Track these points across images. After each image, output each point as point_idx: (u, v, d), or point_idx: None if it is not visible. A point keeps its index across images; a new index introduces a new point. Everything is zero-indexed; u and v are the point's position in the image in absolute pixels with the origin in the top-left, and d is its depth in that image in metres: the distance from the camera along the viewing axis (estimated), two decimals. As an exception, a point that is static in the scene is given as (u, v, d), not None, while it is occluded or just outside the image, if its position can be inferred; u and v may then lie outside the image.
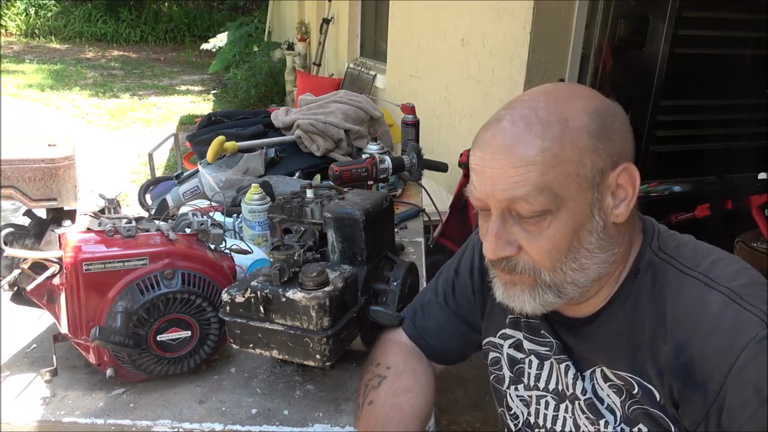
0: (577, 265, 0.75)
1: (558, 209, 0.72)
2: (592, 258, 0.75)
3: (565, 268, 0.75)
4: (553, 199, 0.71)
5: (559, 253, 0.74)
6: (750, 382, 0.64)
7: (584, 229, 0.73)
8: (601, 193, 0.73)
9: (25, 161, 1.12)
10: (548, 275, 0.75)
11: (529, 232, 0.74)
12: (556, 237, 0.73)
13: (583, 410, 0.82)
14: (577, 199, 0.72)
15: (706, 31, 2.95)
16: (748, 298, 0.68)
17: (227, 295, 0.93)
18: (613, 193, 0.74)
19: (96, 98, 8.30)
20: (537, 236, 0.73)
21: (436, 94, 3.88)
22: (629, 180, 0.74)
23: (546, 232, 0.73)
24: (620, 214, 0.74)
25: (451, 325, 1.01)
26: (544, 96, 0.74)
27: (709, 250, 0.76)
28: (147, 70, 10.91)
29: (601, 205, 0.73)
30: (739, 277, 0.71)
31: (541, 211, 0.72)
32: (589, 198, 0.72)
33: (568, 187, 0.71)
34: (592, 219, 0.73)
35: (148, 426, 0.93)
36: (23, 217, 1.23)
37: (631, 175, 0.74)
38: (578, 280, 0.75)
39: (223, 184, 1.68)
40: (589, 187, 0.72)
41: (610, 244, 0.75)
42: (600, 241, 0.74)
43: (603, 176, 0.72)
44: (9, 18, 13.60)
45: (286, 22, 9.58)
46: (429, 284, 1.07)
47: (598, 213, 0.73)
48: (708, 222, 2.75)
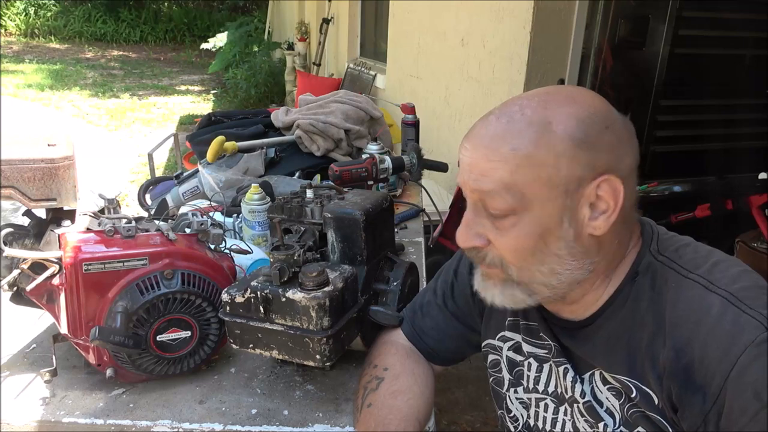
0: (547, 269, 0.74)
1: (524, 210, 0.71)
2: (563, 264, 0.74)
3: (533, 269, 0.74)
4: (519, 199, 0.71)
5: (524, 253, 0.74)
6: (749, 385, 0.63)
7: (552, 235, 0.72)
8: (575, 202, 0.71)
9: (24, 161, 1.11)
10: (515, 272, 0.76)
11: (496, 227, 0.74)
12: (520, 237, 0.73)
13: (582, 413, 0.81)
14: (545, 203, 0.71)
15: (706, 31, 2.95)
16: (748, 301, 0.67)
17: (227, 295, 0.93)
18: (593, 204, 0.72)
19: (96, 98, 8.30)
20: (503, 233, 0.74)
21: (436, 94, 3.88)
22: (611, 193, 0.71)
23: (511, 231, 0.73)
24: (598, 227, 0.72)
25: (450, 326, 1.01)
26: (539, 96, 0.74)
27: (709, 253, 0.76)
28: (147, 70, 10.91)
29: (574, 214, 0.72)
30: (740, 281, 0.70)
31: (506, 209, 0.72)
32: (559, 204, 0.71)
33: (537, 190, 0.70)
34: (561, 226, 0.72)
35: (148, 426, 0.93)
36: (23, 217, 1.23)
37: (613, 188, 0.71)
38: (550, 282, 0.75)
39: (223, 184, 1.68)
40: (560, 194, 0.71)
41: (585, 254, 0.74)
42: (571, 250, 0.73)
43: (580, 185, 0.71)
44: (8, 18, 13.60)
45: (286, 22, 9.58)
46: (428, 285, 1.07)
47: (569, 221, 0.72)
48: (708, 222, 2.75)
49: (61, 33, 13.58)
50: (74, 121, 6.96)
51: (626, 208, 0.74)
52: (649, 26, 3.02)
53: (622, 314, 0.76)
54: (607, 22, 3.00)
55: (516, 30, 2.91)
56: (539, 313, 0.87)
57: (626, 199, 0.73)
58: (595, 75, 3.04)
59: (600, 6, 2.96)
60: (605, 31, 3.01)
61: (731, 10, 2.91)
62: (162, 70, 10.99)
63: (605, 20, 3.00)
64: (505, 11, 3.02)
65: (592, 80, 3.03)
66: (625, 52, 3.07)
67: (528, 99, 0.74)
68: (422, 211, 1.82)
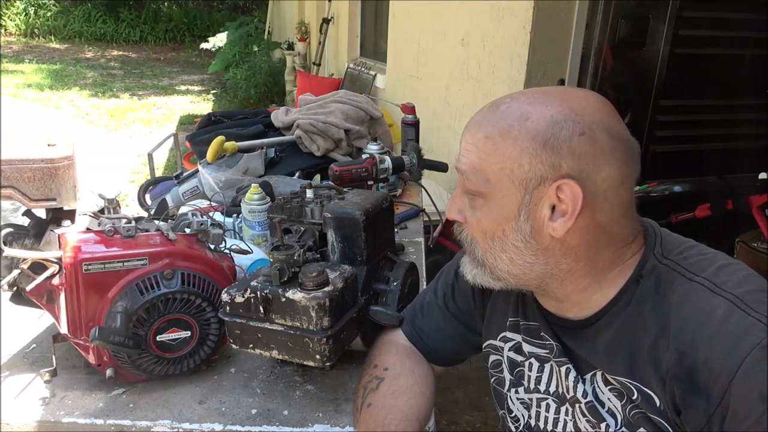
0: (507, 258, 0.78)
1: (488, 195, 0.76)
2: (521, 257, 0.77)
3: (495, 254, 0.78)
4: (485, 184, 0.76)
5: (486, 236, 0.78)
6: (754, 387, 0.63)
7: (509, 225, 0.76)
8: (536, 199, 0.73)
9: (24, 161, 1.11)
10: (480, 254, 0.80)
11: (471, 207, 0.79)
12: (483, 220, 0.78)
13: (584, 413, 0.81)
14: (506, 193, 0.74)
15: (706, 31, 2.95)
16: (753, 304, 0.67)
17: (227, 295, 0.93)
18: (555, 206, 0.72)
19: (96, 98, 8.30)
20: (473, 213, 0.79)
21: (436, 94, 3.88)
22: (570, 197, 0.71)
23: (477, 213, 0.78)
24: (555, 229, 0.73)
25: (451, 327, 1.01)
26: (537, 93, 0.76)
27: (714, 256, 0.76)
28: (147, 70, 10.91)
29: (532, 210, 0.73)
30: (745, 284, 0.70)
31: (475, 190, 0.77)
32: (518, 198, 0.74)
33: (499, 179, 0.74)
34: (518, 219, 0.75)
35: (148, 426, 0.93)
36: (23, 217, 1.23)
37: (573, 193, 0.71)
38: (513, 272, 0.78)
39: (222, 184, 1.68)
40: (520, 188, 0.73)
41: (545, 252, 0.75)
42: (528, 244, 0.75)
43: (540, 183, 0.72)
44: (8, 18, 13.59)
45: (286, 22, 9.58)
46: (429, 286, 1.07)
47: (526, 216, 0.74)
48: (708, 222, 2.75)
49: (61, 33, 13.57)
50: (74, 121, 6.96)
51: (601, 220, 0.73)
52: (649, 26, 3.02)
53: (625, 316, 0.76)
54: (607, 22, 3.00)
55: (516, 30, 2.91)
56: (540, 312, 0.87)
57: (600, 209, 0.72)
58: (595, 75, 3.04)
59: (600, 6, 2.96)
60: (605, 31, 3.01)
61: (731, 10, 2.91)
62: (162, 70, 10.99)
63: (605, 20, 2.99)
64: (505, 11, 3.02)
65: (592, 80, 3.03)
66: (625, 52, 3.07)
67: (524, 94, 0.77)
68: (422, 211, 1.82)
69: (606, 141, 0.71)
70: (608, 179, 0.72)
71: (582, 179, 0.71)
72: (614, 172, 0.72)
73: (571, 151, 0.70)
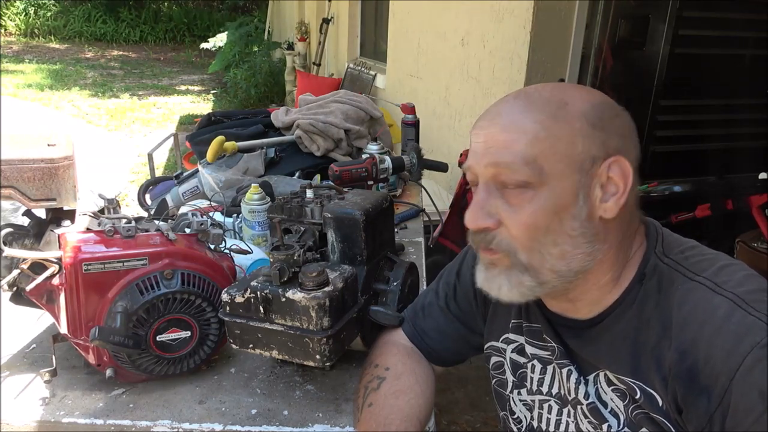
0: (558, 251, 0.73)
1: (541, 184, 0.71)
2: (575, 246, 0.73)
3: (544, 251, 0.73)
4: (537, 173, 0.71)
5: (538, 231, 0.72)
6: (755, 386, 0.63)
7: (567, 212, 0.72)
8: (590, 180, 0.72)
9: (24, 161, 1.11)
10: (524, 255, 0.73)
11: (510, 205, 0.73)
12: (536, 213, 0.71)
13: (586, 414, 0.81)
14: (562, 178, 0.71)
15: (706, 31, 2.95)
16: (755, 304, 0.67)
17: (227, 295, 0.93)
18: (603, 186, 0.72)
19: (96, 98, 8.30)
20: (517, 210, 0.72)
21: (436, 94, 3.88)
22: (620, 174, 0.72)
23: (526, 207, 0.72)
24: (608, 209, 0.72)
25: (452, 327, 1.01)
26: (552, 84, 0.77)
27: (715, 256, 0.76)
28: (147, 70, 10.91)
29: (588, 193, 0.72)
30: (746, 284, 0.70)
31: (524, 182, 0.71)
32: (575, 181, 0.71)
33: (554, 164, 0.71)
34: (576, 203, 0.72)
35: (148, 426, 0.93)
36: (22, 217, 1.23)
37: (622, 169, 0.72)
38: (559, 268, 0.73)
39: (222, 184, 1.68)
40: (577, 170, 0.71)
41: (595, 237, 0.73)
42: (584, 230, 0.72)
43: (593, 164, 0.72)
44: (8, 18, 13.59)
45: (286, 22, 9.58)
46: (430, 286, 1.07)
47: (584, 199, 0.72)
48: (708, 222, 2.75)
49: (61, 33, 13.57)
50: (74, 121, 6.96)
51: (631, 200, 0.74)
52: (649, 26, 3.02)
53: (629, 316, 0.76)
54: (607, 22, 3.00)
55: (516, 30, 2.91)
56: (543, 314, 0.86)
57: (633, 189, 0.74)
58: (595, 75, 3.04)
59: (600, 6, 2.96)
60: (605, 31, 3.01)
61: (731, 10, 2.91)
62: (162, 70, 10.99)
63: (605, 20, 2.99)
64: (505, 11, 3.02)
65: (592, 80, 3.03)
66: (625, 52, 3.07)
67: (541, 86, 0.77)
68: (422, 211, 1.82)
69: (631, 124, 0.76)
70: (636, 160, 0.75)
71: (626, 156, 0.73)
72: (637, 153, 0.76)
73: (615, 130, 0.73)
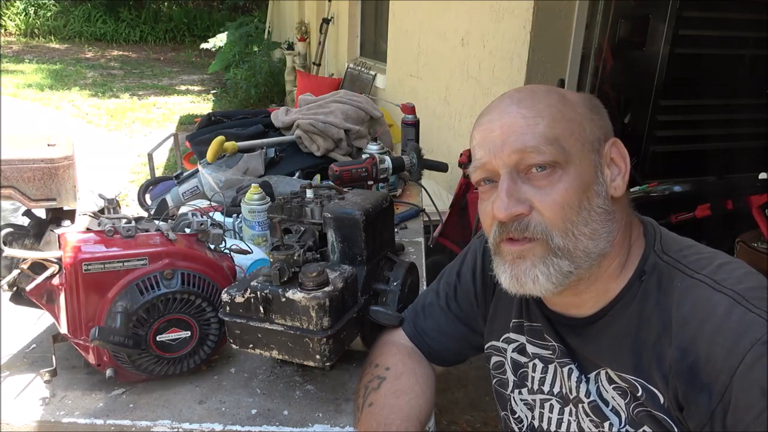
0: (589, 231, 0.74)
1: (567, 163, 0.74)
2: (603, 224, 0.75)
3: (577, 231, 0.73)
4: (561, 152, 0.73)
5: (571, 210, 0.73)
6: (756, 382, 0.63)
7: (591, 189, 0.75)
8: (601, 159, 0.77)
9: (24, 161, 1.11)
10: (560, 238, 0.73)
11: (540, 188, 0.73)
12: (568, 191, 0.73)
13: (587, 413, 0.81)
14: (582, 157, 0.75)
15: (706, 31, 2.95)
16: (755, 301, 0.68)
17: (227, 295, 0.93)
18: (608, 166, 0.78)
19: (96, 98, 8.30)
20: (549, 191, 0.73)
21: (436, 94, 3.88)
22: (620, 154, 0.79)
23: (557, 186, 0.73)
24: (618, 187, 0.77)
25: (452, 327, 1.01)
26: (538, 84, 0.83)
27: (713, 254, 0.76)
28: (147, 70, 10.91)
29: (602, 171, 0.77)
30: (745, 281, 0.70)
31: (552, 161, 0.73)
32: (592, 160, 0.76)
33: (573, 144, 0.75)
34: (597, 180, 0.76)
35: (148, 426, 0.93)
36: (23, 217, 1.23)
37: (620, 149, 0.79)
38: (590, 249, 0.74)
39: (222, 184, 1.68)
40: (591, 150, 0.76)
41: (612, 216, 0.77)
42: (606, 207, 0.76)
43: (600, 144, 0.77)
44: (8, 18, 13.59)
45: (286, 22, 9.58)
46: (430, 286, 1.07)
47: (601, 177, 0.76)
48: (708, 222, 2.75)
49: (61, 33, 13.57)
50: (74, 121, 6.96)
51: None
52: (649, 26, 3.02)
53: (629, 313, 0.77)
54: (607, 22, 3.00)
55: (516, 30, 2.91)
56: (542, 313, 0.87)
57: None
58: (595, 75, 3.04)
59: (600, 6, 2.96)
60: (605, 31, 3.01)
61: (731, 10, 2.91)
62: (162, 70, 10.99)
63: (605, 20, 3.00)
64: (505, 11, 3.02)
65: (592, 80, 3.03)
66: (625, 52, 3.07)
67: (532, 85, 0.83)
68: (422, 211, 1.82)
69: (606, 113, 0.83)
70: None
71: None
72: None
73: (605, 117, 0.80)
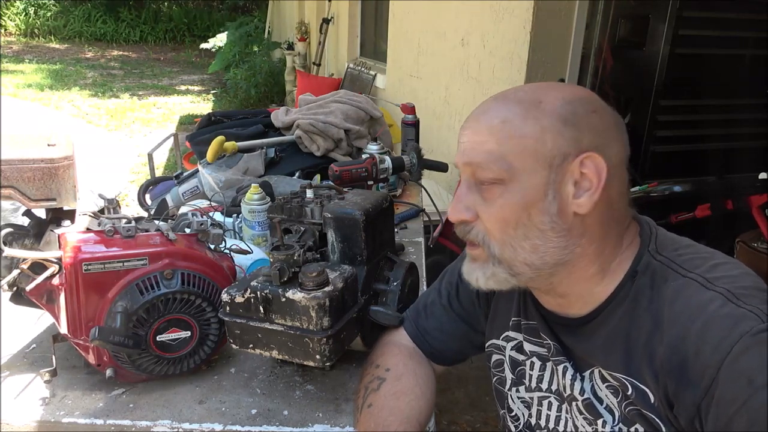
0: (529, 245, 0.75)
1: (510, 180, 0.74)
2: (546, 240, 0.75)
3: (515, 243, 0.76)
4: (506, 169, 0.74)
5: (508, 225, 0.75)
6: (742, 372, 0.63)
7: (536, 207, 0.74)
8: (560, 177, 0.74)
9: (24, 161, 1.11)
10: (497, 248, 0.77)
11: (485, 200, 0.77)
12: (505, 207, 0.75)
13: (581, 411, 0.82)
14: (531, 174, 0.74)
15: (706, 31, 2.95)
16: (746, 298, 0.67)
17: (227, 295, 0.93)
18: (577, 182, 0.74)
19: (96, 98, 8.30)
20: (490, 204, 0.76)
21: (436, 94, 3.88)
22: (594, 170, 0.73)
23: (497, 201, 0.75)
24: (582, 205, 0.74)
25: (454, 326, 1.01)
26: (536, 84, 0.79)
27: (710, 254, 0.76)
28: (147, 70, 10.91)
29: (558, 188, 0.74)
30: (739, 281, 0.70)
31: (494, 178, 0.75)
32: (544, 177, 0.73)
33: (523, 162, 0.73)
34: (545, 199, 0.74)
35: (148, 426, 0.93)
36: (22, 217, 1.23)
37: (596, 165, 0.73)
38: (532, 261, 0.76)
39: (222, 184, 1.68)
40: (546, 166, 0.73)
41: (568, 232, 0.75)
42: (554, 225, 0.74)
43: (564, 159, 0.73)
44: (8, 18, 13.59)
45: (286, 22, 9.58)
46: (432, 286, 1.07)
47: (553, 195, 0.74)
48: (708, 222, 2.75)
49: (61, 33, 13.57)
50: (74, 121, 6.96)
51: (613, 196, 0.76)
52: (649, 26, 3.02)
53: (622, 312, 0.77)
54: (607, 22, 3.00)
55: (516, 30, 2.91)
56: (538, 312, 0.87)
57: (612, 185, 0.75)
58: (595, 75, 3.04)
59: (600, 6, 2.96)
60: (605, 31, 3.01)
61: (731, 10, 2.91)
62: (162, 70, 10.99)
63: (605, 20, 3.00)
64: (505, 11, 3.02)
65: (592, 80, 3.03)
66: (625, 52, 3.07)
67: (525, 86, 0.80)
68: (422, 211, 1.82)
69: (611, 119, 0.77)
70: (617, 154, 0.76)
71: (601, 152, 0.73)
72: (620, 148, 0.76)
73: (589, 126, 0.74)
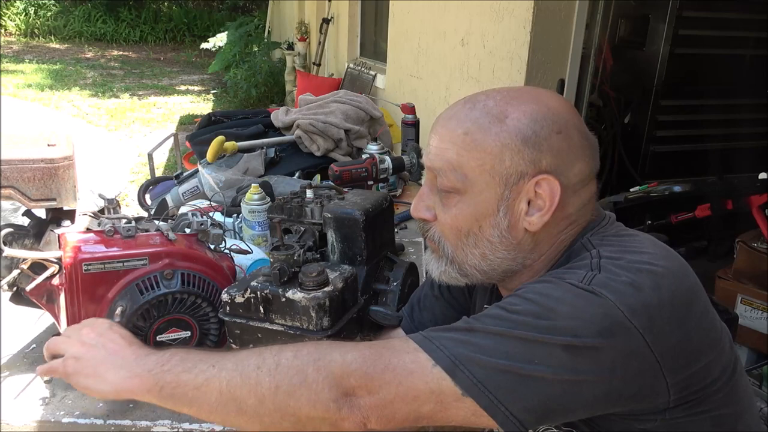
0: (479, 253, 0.78)
1: (465, 191, 0.76)
2: (494, 251, 0.78)
3: (466, 249, 0.79)
4: (461, 181, 0.76)
5: (459, 233, 0.78)
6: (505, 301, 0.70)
7: (486, 221, 0.76)
8: (515, 194, 0.75)
9: (24, 161, 1.11)
10: (450, 250, 0.81)
11: (443, 204, 0.79)
12: (458, 217, 0.78)
13: None
14: (485, 189, 0.75)
15: (706, 31, 2.96)
16: (609, 266, 0.68)
17: (227, 295, 0.93)
18: (531, 200, 0.75)
19: (96, 98, 8.29)
20: (447, 210, 0.79)
21: (436, 94, 3.88)
22: (548, 192, 0.74)
23: (453, 209, 0.78)
24: (532, 223, 0.75)
25: (447, 315, 1.01)
26: (509, 92, 0.78)
27: (639, 243, 0.74)
28: (147, 70, 10.90)
29: (510, 205, 0.75)
30: (627, 257, 0.70)
31: (451, 187, 0.77)
32: (498, 193, 0.75)
33: (478, 175, 0.75)
34: (497, 214, 0.76)
35: (148, 426, 0.93)
36: (22, 217, 1.23)
37: (551, 188, 0.74)
38: (481, 267, 0.79)
39: (222, 184, 1.68)
40: (500, 183, 0.75)
41: (517, 246, 0.77)
42: (503, 239, 0.77)
43: (520, 179, 0.74)
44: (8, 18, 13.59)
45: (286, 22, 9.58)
46: (424, 281, 1.07)
47: (505, 211, 0.76)
48: (708, 222, 2.75)
49: (61, 33, 13.56)
50: (74, 121, 6.96)
51: (571, 212, 0.77)
52: (649, 26, 3.02)
53: None
54: (607, 22, 3.01)
55: (516, 30, 2.91)
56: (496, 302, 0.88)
57: (570, 202, 0.76)
58: (595, 75, 3.04)
59: (600, 6, 2.96)
60: (605, 31, 3.01)
61: (731, 10, 2.91)
62: (162, 70, 10.98)
63: (605, 20, 3.00)
64: (505, 11, 3.02)
65: (592, 80, 3.02)
66: (625, 52, 3.08)
67: (498, 92, 0.79)
68: (422, 211, 1.82)
69: (578, 139, 0.77)
70: (579, 174, 0.76)
71: (558, 174, 0.74)
72: (584, 167, 0.77)
73: (550, 148, 0.74)
